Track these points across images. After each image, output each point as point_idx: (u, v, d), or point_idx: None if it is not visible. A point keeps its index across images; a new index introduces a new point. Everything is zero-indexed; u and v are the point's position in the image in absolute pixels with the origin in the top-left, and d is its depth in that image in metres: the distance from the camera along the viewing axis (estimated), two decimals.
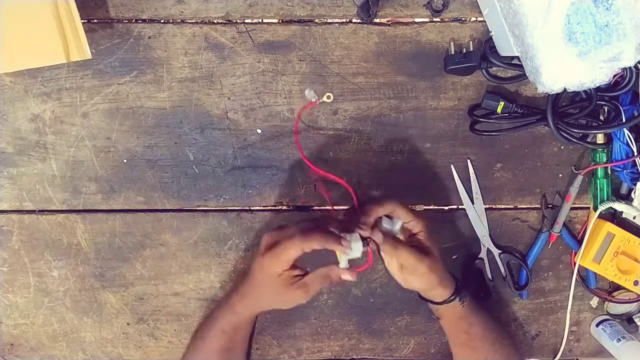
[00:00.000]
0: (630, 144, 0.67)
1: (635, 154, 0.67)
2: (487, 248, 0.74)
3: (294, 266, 0.61)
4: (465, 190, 0.72)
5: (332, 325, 0.77)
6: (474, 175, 0.72)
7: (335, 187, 0.71)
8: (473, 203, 0.72)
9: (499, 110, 0.68)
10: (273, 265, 0.61)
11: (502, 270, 0.74)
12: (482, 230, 0.73)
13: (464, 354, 0.69)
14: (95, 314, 0.76)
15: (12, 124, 0.69)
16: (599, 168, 0.70)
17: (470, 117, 0.70)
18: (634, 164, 0.69)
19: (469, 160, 0.72)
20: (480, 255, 0.74)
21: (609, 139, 0.69)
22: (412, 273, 0.63)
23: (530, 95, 0.70)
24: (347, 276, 0.62)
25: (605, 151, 0.70)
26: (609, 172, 0.71)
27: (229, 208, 0.72)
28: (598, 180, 0.71)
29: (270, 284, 0.62)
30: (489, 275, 0.74)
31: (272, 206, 0.73)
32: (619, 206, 0.70)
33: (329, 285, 0.69)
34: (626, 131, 0.67)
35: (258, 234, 0.73)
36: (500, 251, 0.74)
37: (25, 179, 0.71)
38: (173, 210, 0.73)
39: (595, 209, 0.71)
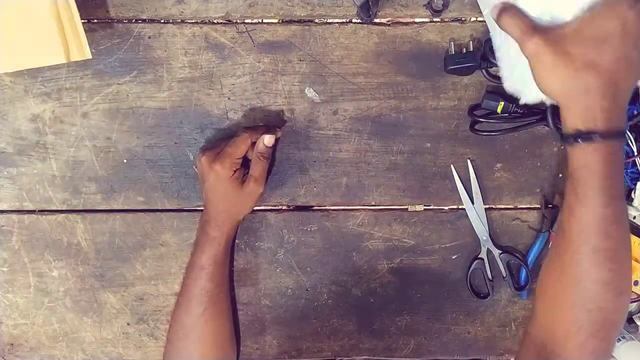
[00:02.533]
0: (630, 144, 0.67)
1: (636, 153, 0.67)
2: (487, 248, 0.74)
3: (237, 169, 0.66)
4: (465, 190, 0.72)
5: (332, 325, 0.77)
6: (474, 175, 0.72)
7: (334, 187, 0.72)
8: (473, 203, 0.72)
9: (499, 110, 0.68)
10: (226, 167, 0.65)
11: (502, 270, 0.74)
12: (482, 230, 0.73)
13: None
14: (95, 314, 0.76)
15: (12, 124, 0.69)
16: None
17: (470, 117, 0.70)
18: (634, 164, 0.69)
19: (469, 160, 0.72)
20: (480, 255, 0.74)
21: None
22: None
23: None
24: (269, 139, 0.66)
25: None
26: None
27: None
28: None
29: (228, 187, 0.66)
30: (489, 275, 0.74)
31: (272, 206, 0.73)
32: None
33: (266, 160, 0.67)
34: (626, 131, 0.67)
35: (258, 233, 0.73)
36: (500, 251, 0.74)
37: (25, 179, 0.71)
38: (173, 210, 0.73)
39: None
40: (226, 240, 0.68)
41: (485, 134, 0.70)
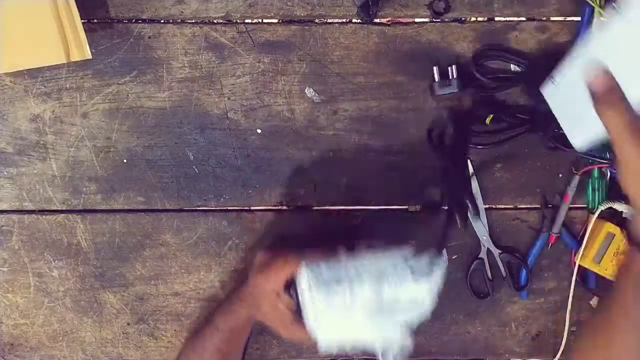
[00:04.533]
0: None
1: None
2: (487, 248, 0.74)
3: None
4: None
5: None
6: (474, 175, 0.72)
7: (334, 187, 0.72)
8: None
9: (487, 122, 0.67)
10: (269, 283, 0.61)
11: (502, 270, 0.74)
12: (482, 230, 0.73)
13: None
14: (95, 314, 0.76)
15: (12, 124, 0.69)
16: (594, 169, 0.70)
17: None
18: None
19: (469, 160, 0.71)
20: (480, 255, 0.74)
21: None
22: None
23: (521, 104, 0.70)
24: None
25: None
26: (606, 173, 0.71)
27: (229, 208, 0.72)
28: (595, 181, 0.71)
29: (267, 301, 0.61)
30: (489, 275, 0.74)
31: (272, 206, 0.73)
32: (619, 206, 0.70)
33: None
34: None
35: (258, 234, 0.73)
36: (500, 251, 0.73)
37: (25, 179, 0.71)
38: (173, 210, 0.73)
39: (591, 209, 0.71)
40: (245, 318, 0.66)
41: (479, 147, 0.69)
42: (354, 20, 0.68)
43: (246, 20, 0.67)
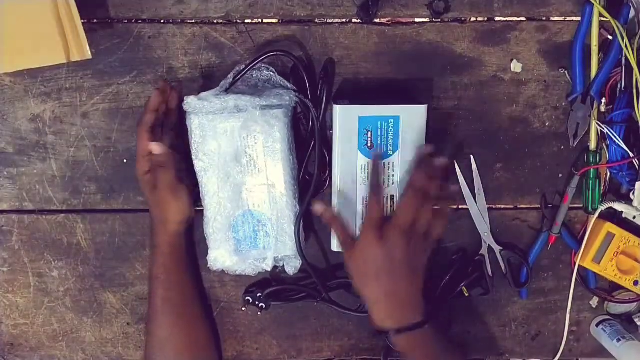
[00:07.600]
0: (621, 144, 0.67)
1: (632, 155, 0.67)
2: (488, 245, 0.73)
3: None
4: (467, 186, 0.72)
5: (332, 325, 0.77)
6: (476, 171, 0.71)
7: None
8: (475, 200, 0.72)
9: None
10: (136, 167, 0.65)
11: (503, 267, 0.74)
12: (483, 226, 0.73)
13: None
14: (95, 314, 0.76)
15: (12, 124, 0.69)
16: (590, 169, 0.70)
17: None
18: (630, 167, 0.69)
19: (472, 156, 0.71)
20: (481, 252, 0.74)
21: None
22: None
23: None
24: (155, 147, 0.62)
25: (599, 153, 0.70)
26: (605, 173, 0.71)
27: None
28: (590, 181, 0.70)
29: (144, 189, 0.66)
30: (489, 272, 0.74)
31: None
32: (619, 206, 0.70)
33: (164, 168, 0.63)
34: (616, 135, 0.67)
35: None
36: (501, 248, 0.73)
37: (25, 179, 0.71)
38: None
39: (587, 210, 0.71)
40: (170, 248, 0.66)
41: None
42: (354, 20, 0.68)
43: (246, 20, 0.67)
